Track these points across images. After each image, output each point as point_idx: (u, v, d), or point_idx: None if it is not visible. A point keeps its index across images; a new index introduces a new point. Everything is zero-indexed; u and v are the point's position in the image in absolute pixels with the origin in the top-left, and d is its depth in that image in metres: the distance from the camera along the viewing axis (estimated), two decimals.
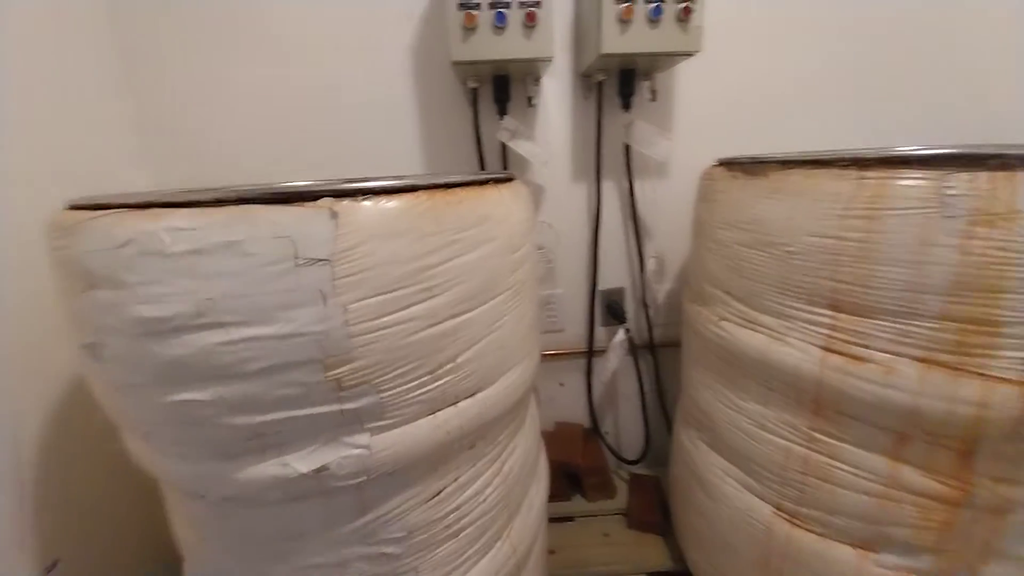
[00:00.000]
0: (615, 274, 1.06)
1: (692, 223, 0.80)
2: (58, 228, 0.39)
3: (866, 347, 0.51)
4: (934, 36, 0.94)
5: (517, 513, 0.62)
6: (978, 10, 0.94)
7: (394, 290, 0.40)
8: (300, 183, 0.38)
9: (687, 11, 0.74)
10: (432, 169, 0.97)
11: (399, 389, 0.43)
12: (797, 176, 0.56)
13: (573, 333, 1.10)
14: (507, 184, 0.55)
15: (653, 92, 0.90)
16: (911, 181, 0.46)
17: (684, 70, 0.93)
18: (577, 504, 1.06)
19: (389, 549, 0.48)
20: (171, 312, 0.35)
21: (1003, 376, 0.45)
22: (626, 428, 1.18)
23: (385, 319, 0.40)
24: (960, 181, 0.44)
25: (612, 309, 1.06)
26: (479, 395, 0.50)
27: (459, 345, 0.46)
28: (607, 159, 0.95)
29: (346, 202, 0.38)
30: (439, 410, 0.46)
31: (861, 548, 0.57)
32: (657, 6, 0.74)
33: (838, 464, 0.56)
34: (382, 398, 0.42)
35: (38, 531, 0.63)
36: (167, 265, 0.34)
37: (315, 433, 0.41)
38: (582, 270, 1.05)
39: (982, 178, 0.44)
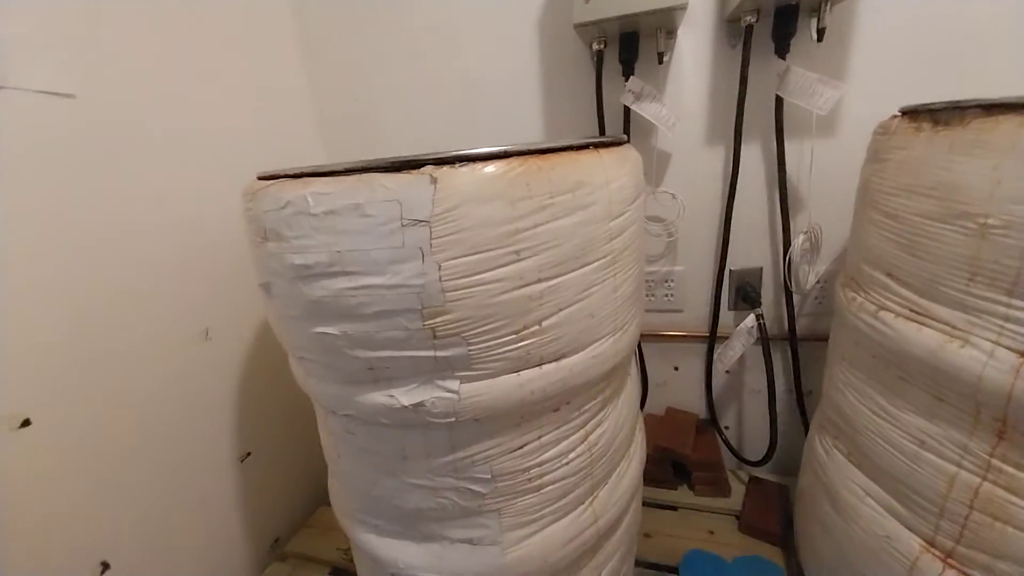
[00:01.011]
0: (753, 252, 0.94)
1: (858, 190, 0.66)
2: (247, 193, 0.51)
3: None
4: None
5: (603, 485, 0.62)
6: None
7: (485, 251, 0.43)
8: (412, 154, 0.43)
9: None
10: (550, 138, 0.97)
11: (486, 344, 0.46)
12: (1010, 124, 0.41)
13: (694, 315, 1.01)
14: (611, 148, 0.53)
15: (820, 31, 0.74)
16: None
17: (866, 2, 0.74)
18: (683, 495, 1.00)
19: (476, 487, 0.54)
20: (313, 261, 0.44)
21: None
22: (752, 426, 1.06)
23: (475, 277, 0.44)
24: None
25: (745, 291, 0.94)
26: (564, 361, 0.51)
27: (546, 309, 0.48)
28: (752, 118, 0.83)
29: (445, 169, 0.42)
30: (522, 369, 0.49)
31: None
32: None
33: (1021, 502, 0.42)
34: (470, 350, 0.46)
35: (236, 429, 0.88)
36: (312, 223, 0.43)
37: (415, 373, 0.47)
38: (710, 246, 0.95)
39: None
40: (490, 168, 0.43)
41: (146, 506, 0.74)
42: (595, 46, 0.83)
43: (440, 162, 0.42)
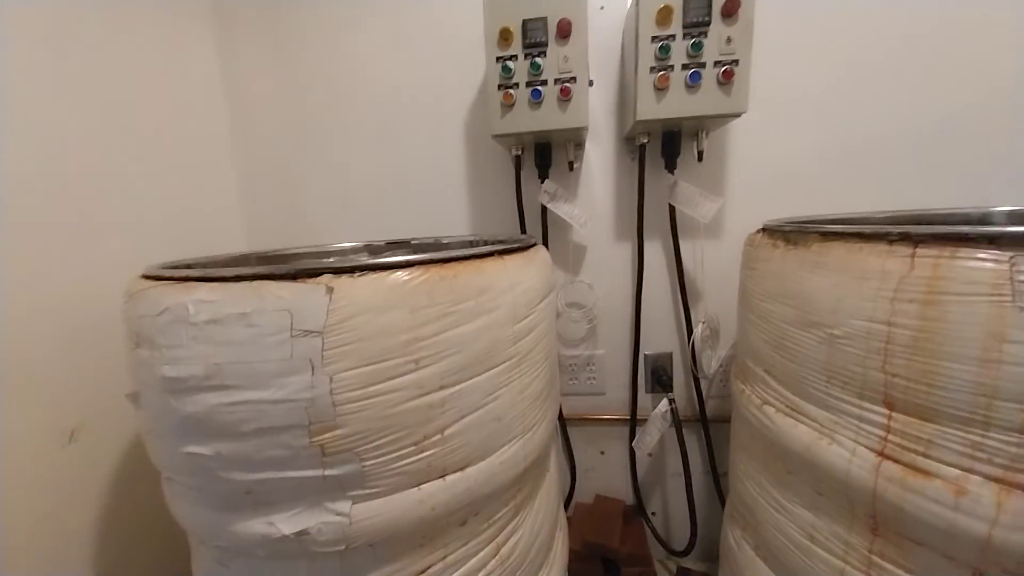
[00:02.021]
0: (663, 338, 1.00)
1: (739, 290, 0.74)
2: (127, 293, 0.47)
3: (929, 457, 0.41)
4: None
5: None
6: None
7: (381, 361, 0.42)
8: (308, 263, 0.43)
9: (728, 74, 0.72)
10: (478, 231, 1.01)
11: (382, 458, 0.44)
12: (841, 249, 0.49)
13: (616, 397, 1.04)
14: (516, 253, 0.56)
15: (700, 153, 0.87)
16: (975, 263, 0.39)
17: (736, 130, 0.90)
18: None
19: None
20: (187, 373, 0.40)
21: None
22: (676, 509, 1.06)
23: (370, 389, 0.42)
24: None
25: (657, 375, 0.99)
26: (469, 469, 0.49)
27: (448, 416, 0.46)
28: (652, 220, 0.93)
29: (344, 278, 0.42)
30: (424, 483, 0.46)
31: None
32: (695, 72, 0.73)
33: None
34: (364, 467, 0.43)
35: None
36: (190, 332, 0.40)
37: (300, 496, 0.43)
38: (626, 332, 1.01)
39: None
40: (391, 278, 0.43)
41: None
42: (514, 151, 0.91)
43: (339, 271, 0.42)
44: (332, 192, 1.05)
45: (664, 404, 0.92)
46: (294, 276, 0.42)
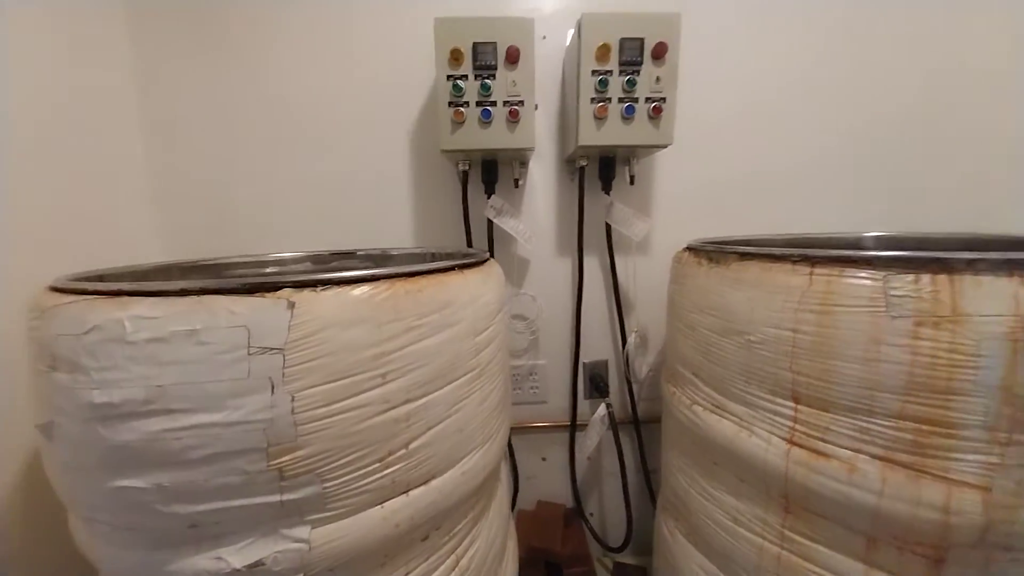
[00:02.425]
0: (599, 347, 1.07)
1: (667, 303, 0.82)
2: (35, 308, 0.41)
3: (827, 442, 0.50)
4: (902, 127, 1.01)
5: None
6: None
7: (347, 377, 0.41)
8: (243, 273, 0.41)
9: (657, 110, 0.81)
10: (422, 243, 1.01)
11: (345, 478, 0.42)
12: (755, 268, 0.58)
13: (557, 405, 1.08)
14: (475, 268, 0.58)
15: (632, 177, 0.95)
16: (858, 280, 0.48)
17: (662, 157, 1.00)
18: None
19: None
20: (121, 398, 0.36)
21: (967, 481, 0.44)
22: (612, 509, 1.12)
23: (335, 406, 0.41)
24: (904, 282, 0.46)
25: (595, 382, 1.05)
26: (433, 482, 0.49)
27: (413, 430, 0.46)
28: (590, 236, 0.99)
29: (306, 292, 0.40)
30: (388, 500, 0.45)
31: None
32: (629, 105, 0.80)
33: (812, 568, 0.53)
34: (325, 488, 0.41)
35: None
36: (126, 352, 0.36)
37: (253, 525, 0.40)
38: (566, 342, 1.06)
39: (925, 280, 0.45)
40: (356, 292, 0.42)
41: None
42: (461, 167, 0.93)
43: (301, 284, 0.41)
44: (263, 200, 0.98)
45: (602, 408, 0.98)
46: (250, 290, 0.40)
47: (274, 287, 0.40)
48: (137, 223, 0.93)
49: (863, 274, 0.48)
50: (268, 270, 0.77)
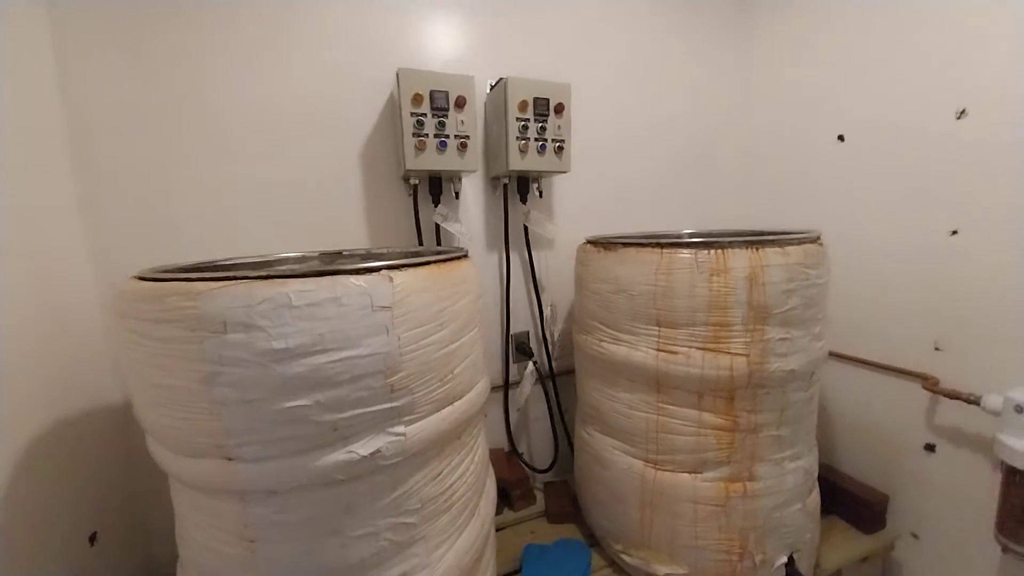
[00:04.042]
0: (522, 321, 1.39)
1: (574, 280, 1.18)
2: (180, 293, 0.54)
3: (676, 345, 0.90)
4: (705, 160, 1.56)
5: (482, 494, 0.84)
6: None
7: (423, 325, 0.65)
8: (374, 263, 0.61)
9: (559, 148, 1.17)
10: (374, 244, 1.20)
11: (424, 391, 0.65)
12: (631, 251, 0.96)
13: (493, 370, 1.37)
14: (467, 258, 0.84)
15: (540, 192, 1.30)
16: (684, 254, 0.89)
17: (560, 179, 1.37)
18: (506, 516, 1.27)
19: (409, 519, 0.67)
20: (295, 343, 0.54)
21: (738, 352, 0.87)
22: (537, 446, 1.46)
23: (418, 343, 0.64)
24: (703, 254, 0.88)
25: (521, 347, 1.37)
26: (465, 397, 0.74)
27: (455, 361, 0.71)
28: (514, 236, 1.31)
29: (395, 271, 0.63)
30: (444, 407, 0.69)
31: (693, 472, 0.93)
32: (543, 143, 1.15)
33: (674, 420, 0.93)
34: (414, 397, 0.64)
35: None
36: (293, 313, 0.54)
37: (372, 425, 0.61)
38: (497, 318, 1.35)
39: (713, 253, 0.88)
40: (423, 270, 0.66)
41: None
42: (412, 182, 1.15)
43: (391, 267, 0.63)
44: (207, 207, 1.03)
45: (530, 366, 1.30)
46: (360, 271, 0.60)
47: (375, 269, 0.61)
48: (66, 232, 0.92)
49: (686, 252, 0.89)
50: (282, 268, 0.89)
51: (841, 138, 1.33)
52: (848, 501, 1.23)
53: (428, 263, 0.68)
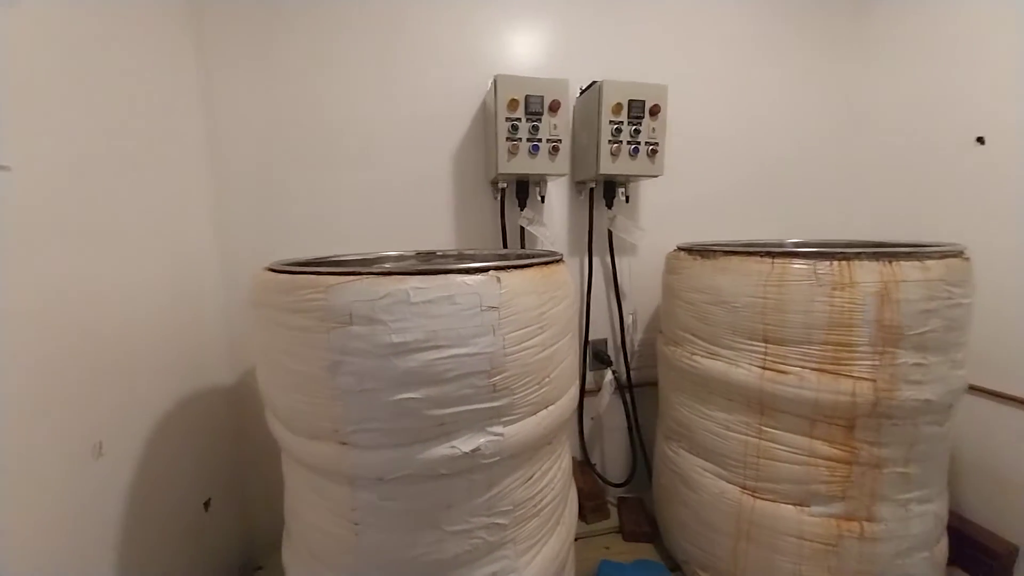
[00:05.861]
0: (601, 328, 1.35)
1: (663, 288, 1.13)
2: (311, 286, 0.58)
3: (786, 364, 0.83)
4: (804, 167, 1.44)
5: (566, 504, 0.82)
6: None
7: (526, 327, 0.64)
8: (480, 264, 0.62)
9: (654, 151, 1.12)
10: (461, 245, 1.23)
11: (523, 393, 0.65)
12: (735, 260, 0.90)
13: None
14: (563, 262, 0.83)
15: (627, 197, 1.26)
16: (799, 265, 0.81)
17: (645, 182, 1.32)
18: (579, 528, 1.23)
19: (501, 520, 0.67)
20: (412, 338, 0.56)
21: (862, 376, 0.78)
22: (611, 457, 1.41)
23: (520, 345, 0.64)
24: (823, 266, 0.80)
25: (598, 355, 1.33)
26: (558, 402, 0.73)
27: (552, 366, 0.70)
28: (597, 241, 1.28)
29: (503, 272, 0.63)
30: (539, 411, 0.69)
31: (799, 505, 0.85)
32: (636, 147, 1.11)
33: (778, 446, 0.85)
34: (514, 399, 0.64)
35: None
36: (412, 310, 0.56)
37: (472, 423, 0.61)
38: (577, 323, 1.33)
39: (836, 265, 0.79)
40: (528, 272, 0.66)
41: None
42: (500, 184, 1.16)
43: (498, 268, 0.63)
44: (322, 210, 1.13)
45: (609, 374, 1.26)
46: (469, 271, 0.61)
47: (484, 269, 0.62)
48: (201, 230, 1.04)
49: (801, 263, 0.81)
50: (385, 265, 0.95)
51: (980, 140, 1.16)
52: (969, 549, 1.06)
53: (531, 265, 0.68)
